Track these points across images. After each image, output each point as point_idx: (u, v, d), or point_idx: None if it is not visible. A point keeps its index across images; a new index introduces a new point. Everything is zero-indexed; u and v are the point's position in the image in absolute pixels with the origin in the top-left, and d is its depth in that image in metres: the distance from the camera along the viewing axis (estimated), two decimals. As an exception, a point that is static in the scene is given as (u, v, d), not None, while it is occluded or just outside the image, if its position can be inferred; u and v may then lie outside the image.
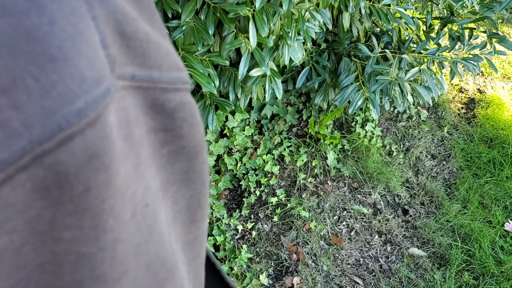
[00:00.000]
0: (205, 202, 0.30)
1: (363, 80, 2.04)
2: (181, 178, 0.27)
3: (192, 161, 0.27)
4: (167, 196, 0.26)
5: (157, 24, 0.26)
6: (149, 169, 0.24)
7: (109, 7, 0.22)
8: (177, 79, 0.26)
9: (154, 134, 0.25)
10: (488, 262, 2.12)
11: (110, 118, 0.21)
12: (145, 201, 0.24)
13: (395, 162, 2.46)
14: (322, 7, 1.71)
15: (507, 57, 3.23)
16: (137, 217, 0.23)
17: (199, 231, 0.30)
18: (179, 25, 1.55)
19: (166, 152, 0.26)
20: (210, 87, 1.56)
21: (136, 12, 0.24)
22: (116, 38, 0.22)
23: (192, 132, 0.27)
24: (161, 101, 0.25)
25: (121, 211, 0.22)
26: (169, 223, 0.27)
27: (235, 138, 2.18)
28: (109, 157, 0.21)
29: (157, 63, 0.24)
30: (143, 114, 0.24)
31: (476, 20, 1.98)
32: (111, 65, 0.21)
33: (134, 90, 0.23)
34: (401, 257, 2.14)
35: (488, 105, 2.86)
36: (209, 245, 1.98)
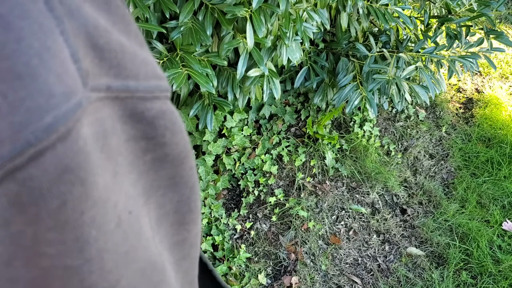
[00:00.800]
0: (195, 206, 0.30)
1: (361, 80, 2.04)
2: (166, 184, 0.27)
3: (177, 168, 0.28)
4: (150, 201, 0.27)
5: (133, 34, 0.26)
6: (128, 176, 0.24)
7: (79, 21, 0.22)
8: (155, 88, 0.26)
9: (134, 142, 0.25)
10: (486, 261, 2.13)
11: (84, 131, 0.21)
12: (127, 209, 0.24)
13: (393, 162, 2.46)
14: (320, 7, 1.72)
15: (504, 57, 3.24)
16: (123, 226, 0.23)
17: (189, 234, 0.30)
18: (177, 25, 1.56)
19: (149, 159, 0.26)
20: (209, 86, 1.56)
21: (110, 24, 0.24)
22: (88, 51, 0.22)
23: (175, 139, 0.27)
24: (140, 110, 0.25)
25: (104, 221, 0.22)
26: (153, 226, 0.27)
27: (233, 138, 2.18)
28: (84, 170, 0.21)
29: (133, 73, 0.25)
30: (122, 123, 0.24)
31: (473, 18, 1.98)
32: (83, 78, 0.21)
33: (110, 101, 0.23)
34: (399, 256, 2.14)
35: (486, 104, 2.87)
36: (208, 244, 1.98)
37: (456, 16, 2.04)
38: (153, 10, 1.59)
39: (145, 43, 0.28)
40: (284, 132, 2.41)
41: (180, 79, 1.52)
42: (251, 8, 1.49)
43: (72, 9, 0.22)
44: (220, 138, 2.18)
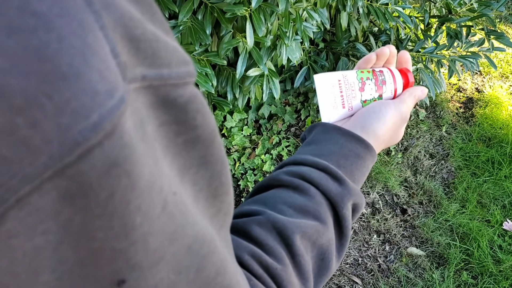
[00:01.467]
0: (226, 179, 0.31)
1: (361, 80, 2.03)
2: (198, 162, 0.28)
3: (208, 147, 0.29)
4: (185, 180, 0.28)
5: (159, 22, 0.27)
6: (164, 159, 0.25)
7: (116, 13, 0.22)
8: (186, 74, 0.27)
9: (167, 126, 0.26)
10: (487, 261, 2.12)
11: (127, 125, 0.22)
12: (172, 190, 0.25)
13: (394, 162, 2.46)
14: (319, 7, 1.71)
15: (505, 56, 3.23)
16: (169, 207, 0.25)
17: (222, 204, 0.31)
18: (176, 25, 1.55)
19: (181, 142, 0.27)
20: (208, 86, 1.56)
21: (139, 13, 0.25)
22: (125, 43, 0.23)
23: (205, 121, 0.28)
24: (172, 96, 0.26)
25: (150, 207, 0.23)
26: (192, 202, 0.28)
27: (233, 138, 2.18)
28: (129, 163, 0.22)
29: (166, 61, 0.25)
30: (154, 109, 0.25)
31: (474, 18, 1.97)
32: (122, 72, 0.22)
33: (144, 90, 0.24)
34: (400, 256, 2.13)
35: (486, 104, 2.86)
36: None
37: (457, 16, 2.03)
38: (152, 9, 1.59)
39: (170, 30, 0.29)
40: (284, 132, 2.40)
41: (180, 79, 1.51)
42: (251, 7, 1.48)
43: (108, 2, 0.22)
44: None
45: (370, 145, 0.59)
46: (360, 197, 0.55)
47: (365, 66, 0.69)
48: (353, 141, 0.58)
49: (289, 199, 0.51)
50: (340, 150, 0.57)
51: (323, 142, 0.59)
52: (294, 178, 0.52)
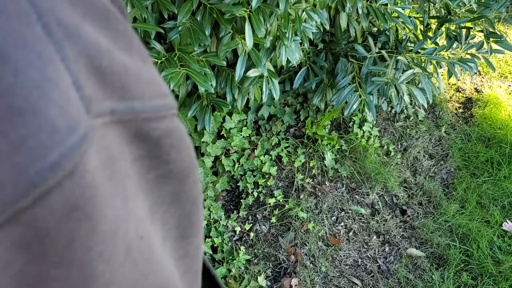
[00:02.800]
0: (196, 220, 0.29)
1: (360, 81, 2.03)
2: (169, 199, 0.27)
3: (181, 184, 0.27)
4: (155, 218, 0.26)
5: (135, 49, 0.25)
6: (136, 198, 0.24)
7: (79, 44, 0.21)
8: (161, 107, 0.25)
9: (140, 162, 0.24)
10: (486, 262, 2.12)
11: (91, 164, 0.20)
12: (139, 234, 0.23)
13: (393, 162, 2.45)
14: (319, 8, 1.70)
15: (504, 56, 3.23)
16: (133, 254, 0.23)
17: (190, 246, 0.30)
18: (175, 26, 1.54)
19: (153, 177, 0.25)
20: (207, 85, 1.55)
21: (111, 41, 0.23)
22: (90, 75, 0.21)
23: (180, 157, 0.26)
24: (145, 130, 0.24)
25: (112, 254, 0.21)
26: (160, 243, 0.26)
27: (232, 139, 2.17)
28: (91, 205, 0.20)
29: (138, 94, 0.24)
30: (128, 144, 0.23)
31: (473, 19, 1.97)
32: (86, 106, 0.20)
33: (115, 124, 0.22)
34: (400, 257, 2.13)
35: (485, 104, 2.86)
36: (207, 246, 1.97)
37: (456, 17, 2.03)
38: (151, 10, 1.58)
39: (148, 57, 0.27)
40: (283, 133, 2.40)
41: (178, 79, 1.50)
42: (250, 8, 1.47)
43: (71, 31, 0.21)
44: (219, 139, 2.17)
45: None
46: None
47: None
48: None
49: None
50: None
51: None
52: None
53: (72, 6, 0.22)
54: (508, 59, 3.23)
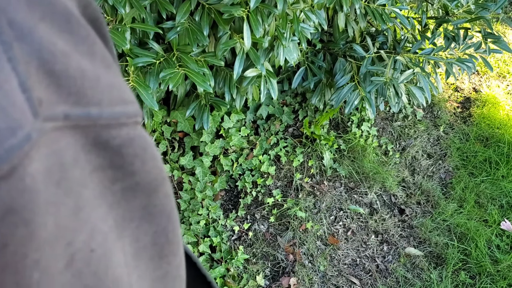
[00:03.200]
0: (174, 236, 0.28)
1: (359, 80, 2.04)
2: (140, 214, 0.26)
3: (150, 197, 0.26)
4: (125, 234, 0.25)
5: (98, 55, 0.25)
6: (96, 210, 0.23)
7: (32, 46, 0.21)
8: (121, 114, 0.24)
9: (101, 172, 0.23)
10: (484, 261, 2.12)
11: (33, 167, 0.19)
12: (90, 247, 0.22)
13: (391, 162, 2.46)
14: (317, 8, 1.71)
15: (502, 56, 3.24)
16: (76, 265, 0.22)
17: (170, 266, 0.29)
18: (174, 26, 1.55)
19: (119, 189, 0.24)
20: (206, 85, 1.56)
21: (71, 45, 0.23)
22: (43, 78, 0.21)
23: (145, 167, 0.25)
24: (104, 138, 0.23)
25: (51, 262, 0.21)
26: (129, 262, 0.25)
27: (231, 138, 2.18)
28: (30, 210, 0.19)
29: (95, 99, 0.23)
30: (86, 153, 0.23)
31: (471, 20, 1.98)
32: (33, 109, 0.20)
33: (70, 130, 0.22)
34: (398, 256, 2.14)
35: (483, 104, 2.87)
36: (206, 246, 1.98)
37: (454, 17, 2.03)
38: (149, 10, 1.59)
39: (113, 64, 0.26)
40: (282, 133, 2.41)
41: (176, 79, 1.51)
42: (248, 8, 1.48)
43: (24, 33, 0.21)
44: (217, 139, 2.17)
45: None
46: None
47: None
48: None
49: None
50: None
51: None
52: None
53: (29, 8, 0.21)
54: (507, 58, 3.23)
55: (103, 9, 1.47)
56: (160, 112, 2.03)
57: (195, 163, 2.10)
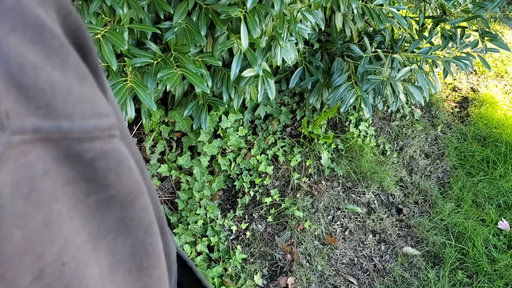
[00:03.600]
0: (153, 249, 0.28)
1: (356, 80, 2.04)
2: (116, 227, 0.26)
3: (126, 210, 0.26)
4: (100, 247, 0.25)
5: (71, 67, 0.25)
6: (69, 222, 0.23)
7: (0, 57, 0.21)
8: (94, 128, 0.24)
9: (74, 185, 0.23)
10: (482, 260, 2.13)
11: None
12: (61, 260, 0.22)
13: (389, 162, 2.46)
14: (314, 8, 1.71)
15: (500, 56, 3.24)
16: (45, 280, 0.22)
17: (150, 279, 0.29)
18: (171, 26, 1.55)
19: (93, 202, 0.24)
20: (203, 86, 1.56)
21: (42, 57, 0.23)
22: (10, 90, 0.21)
23: (120, 180, 0.25)
24: (76, 151, 0.23)
25: (17, 277, 0.20)
26: (105, 275, 0.25)
27: (228, 138, 2.18)
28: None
29: (66, 113, 0.23)
30: (57, 165, 0.22)
31: (468, 19, 1.98)
32: (0, 122, 0.20)
33: (41, 143, 0.22)
34: (395, 256, 2.14)
35: (481, 103, 2.87)
36: (203, 246, 1.98)
37: (451, 16, 2.04)
38: (147, 11, 1.59)
39: (88, 76, 0.26)
40: (280, 132, 2.41)
41: (174, 79, 1.51)
42: (245, 8, 1.48)
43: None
44: (215, 138, 2.17)
45: None
46: None
47: None
48: None
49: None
50: None
51: None
52: None
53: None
54: (504, 58, 3.24)
55: (101, 9, 1.47)
56: (158, 112, 2.03)
57: (193, 163, 2.11)
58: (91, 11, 1.38)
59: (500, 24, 3.53)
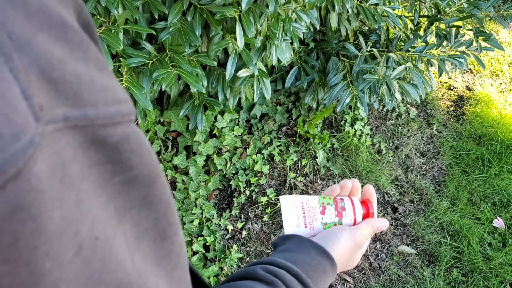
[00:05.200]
0: (173, 219, 0.31)
1: (351, 79, 2.04)
2: (140, 203, 0.28)
3: (149, 187, 0.28)
4: (125, 220, 0.27)
5: (92, 59, 0.27)
6: (96, 200, 0.25)
7: (30, 55, 0.22)
8: (116, 113, 0.26)
9: (101, 166, 0.25)
10: (477, 258, 2.14)
11: (37, 168, 0.21)
12: (94, 235, 0.24)
13: (385, 160, 2.47)
14: (308, 8, 1.72)
15: (495, 55, 3.25)
16: (84, 253, 0.24)
17: (173, 245, 0.31)
18: (166, 26, 1.55)
19: (118, 181, 0.26)
20: (199, 86, 1.56)
21: (67, 52, 0.25)
22: (43, 84, 0.22)
23: (142, 161, 0.27)
24: (101, 136, 0.25)
25: (60, 253, 0.23)
26: (131, 244, 0.27)
27: (224, 138, 2.18)
28: (36, 207, 0.21)
29: (91, 101, 0.25)
30: (84, 149, 0.24)
31: (463, 18, 1.99)
32: (35, 114, 0.22)
33: (70, 130, 0.24)
34: (391, 254, 2.15)
35: (476, 102, 2.88)
36: (199, 245, 1.98)
37: (446, 16, 2.04)
38: (142, 11, 1.59)
39: (106, 66, 0.28)
40: (276, 132, 2.41)
41: (169, 79, 1.51)
42: (240, 8, 1.48)
43: (22, 43, 0.22)
44: (211, 138, 2.18)
45: (335, 264, 0.64)
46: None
47: (330, 194, 0.77)
48: (323, 255, 0.63)
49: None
50: (311, 262, 0.62)
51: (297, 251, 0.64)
52: (269, 274, 0.56)
53: (27, 20, 0.23)
54: (500, 57, 3.25)
55: (96, 10, 1.47)
56: (154, 112, 2.03)
57: (189, 162, 2.11)
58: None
59: (495, 23, 3.54)
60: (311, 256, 0.63)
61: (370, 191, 0.78)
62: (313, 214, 0.73)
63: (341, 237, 0.68)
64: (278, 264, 0.58)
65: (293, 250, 0.64)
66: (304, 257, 0.62)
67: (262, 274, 0.55)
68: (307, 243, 0.65)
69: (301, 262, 0.61)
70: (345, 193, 0.77)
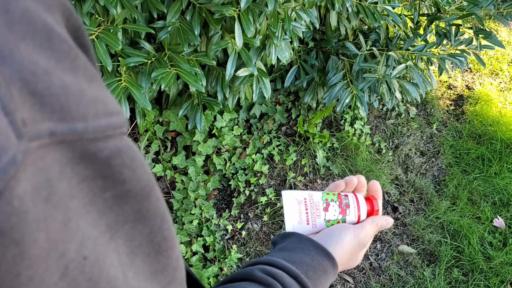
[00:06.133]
0: (169, 233, 0.30)
1: (351, 78, 2.04)
2: (133, 217, 0.27)
3: (143, 202, 0.27)
4: (118, 235, 0.26)
5: (80, 69, 0.25)
6: (86, 216, 0.24)
7: (12, 67, 0.21)
8: (107, 127, 0.25)
9: (91, 181, 0.24)
10: (477, 258, 2.13)
11: (21, 188, 0.20)
12: (82, 254, 0.23)
13: (384, 160, 2.46)
14: (308, 7, 1.71)
15: (495, 54, 3.25)
16: (71, 274, 0.23)
17: (169, 259, 0.30)
18: (165, 25, 1.54)
19: (110, 196, 0.25)
20: (198, 85, 1.55)
21: (53, 62, 0.23)
22: (26, 97, 0.21)
23: (135, 175, 0.26)
24: (91, 151, 0.24)
25: (45, 276, 0.21)
26: (124, 260, 0.26)
27: (223, 138, 2.17)
28: (19, 231, 0.20)
29: (79, 115, 0.23)
30: (73, 165, 0.23)
31: (462, 17, 1.98)
32: (17, 131, 0.20)
33: (57, 145, 0.22)
34: (391, 254, 2.14)
35: (476, 101, 2.88)
36: (199, 245, 1.97)
37: (446, 14, 2.04)
38: (140, 10, 1.58)
39: (96, 75, 0.27)
40: (275, 131, 2.40)
41: (169, 79, 1.50)
42: (239, 7, 1.48)
43: (4, 54, 0.21)
44: (210, 138, 2.17)
45: (336, 264, 0.62)
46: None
47: (334, 190, 0.74)
48: (324, 255, 0.62)
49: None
50: (311, 262, 0.60)
51: (297, 250, 0.62)
52: (267, 276, 0.54)
53: (9, 29, 0.22)
54: (499, 56, 3.25)
55: (94, 9, 1.46)
56: (153, 112, 2.02)
57: (188, 162, 2.10)
58: (85, 11, 1.37)
59: (495, 22, 3.53)
60: (311, 256, 0.61)
61: (376, 187, 0.75)
62: (316, 211, 0.71)
63: (345, 237, 0.66)
64: (277, 264, 0.57)
65: (292, 249, 0.62)
66: (304, 257, 0.60)
67: (260, 275, 0.54)
68: (307, 242, 0.63)
69: (300, 262, 0.59)
70: (350, 189, 0.75)
